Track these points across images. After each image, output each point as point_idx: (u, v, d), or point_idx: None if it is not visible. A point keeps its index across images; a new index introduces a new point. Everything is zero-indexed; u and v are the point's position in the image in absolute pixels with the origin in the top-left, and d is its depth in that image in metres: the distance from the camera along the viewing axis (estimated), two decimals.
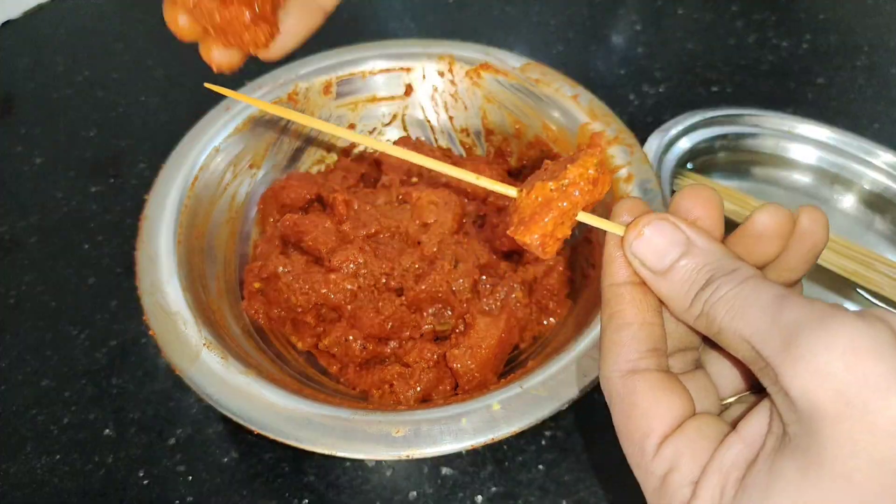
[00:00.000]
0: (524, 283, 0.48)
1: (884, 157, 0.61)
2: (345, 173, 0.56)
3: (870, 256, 0.54)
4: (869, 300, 0.54)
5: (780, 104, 0.68)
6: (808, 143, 0.63)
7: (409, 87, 0.59)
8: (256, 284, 0.48)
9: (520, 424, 0.37)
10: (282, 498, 0.43)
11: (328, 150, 0.59)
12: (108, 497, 0.43)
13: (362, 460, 0.44)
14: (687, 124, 0.62)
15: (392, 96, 0.59)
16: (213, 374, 0.39)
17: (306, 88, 0.56)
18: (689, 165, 0.62)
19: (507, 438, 0.38)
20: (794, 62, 0.74)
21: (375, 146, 0.27)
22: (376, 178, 0.56)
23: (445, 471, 0.44)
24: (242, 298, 0.49)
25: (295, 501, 0.43)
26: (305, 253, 0.48)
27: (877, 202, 0.61)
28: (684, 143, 0.61)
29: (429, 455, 0.36)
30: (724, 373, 0.26)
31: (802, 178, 0.63)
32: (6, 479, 0.44)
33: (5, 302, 0.53)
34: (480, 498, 0.43)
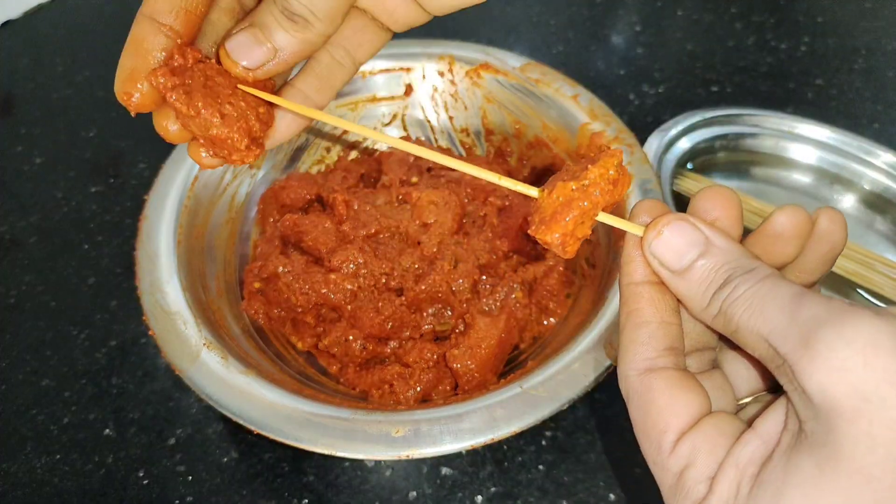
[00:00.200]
0: (524, 283, 0.48)
1: (884, 157, 0.61)
2: (345, 173, 0.56)
3: (870, 256, 0.54)
4: (869, 300, 0.54)
5: (780, 104, 0.68)
6: (807, 143, 0.63)
7: (409, 86, 0.59)
8: (256, 284, 0.48)
9: (519, 424, 0.37)
10: (281, 498, 0.43)
11: (328, 151, 0.59)
12: (108, 497, 0.43)
13: (362, 460, 0.44)
14: (687, 124, 0.62)
15: (392, 96, 0.59)
16: (212, 373, 0.39)
17: None
18: (689, 165, 0.62)
19: (507, 438, 0.38)
20: (792, 64, 0.75)
21: (413, 151, 0.27)
22: (376, 178, 0.56)
23: (445, 471, 0.44)
24: (242, 298, 0.49)
25: (294, 501, 0.43)
26: (305, 253, 0.48)
27: (877, 202, 0.61)
28: (684, 143, 0.62)
29: (429, 455, 0.36)
30: (740, 373, 0.26)
31: (802, 178, 0.63)
32: (6, 478, 0.44)
33: (5, 302, 0.53)
34: (480, 498, 0.43)
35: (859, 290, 0.54)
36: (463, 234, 0.50)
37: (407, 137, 0.60)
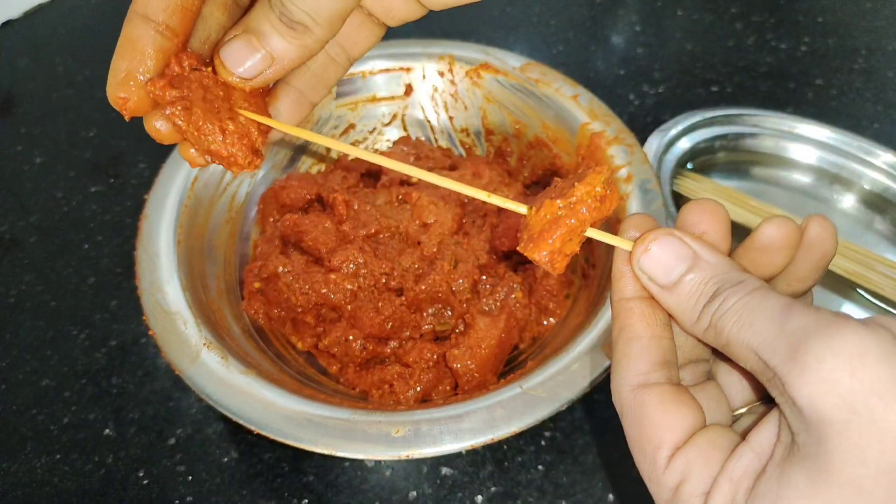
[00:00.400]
0: (524, 283, 0.48)
1: (883, 157, 0.61)
2: (345, 173, 0.56)
3: (870, 256, 0.54)
4: (869, 300, 0.54)
5: (780, 104, 0.68)
6: (807, 143, 0.63)
7: (409, 86, 0.59)
8: (256, 284, 0.48)
9: (519, 425, 0.37)
10: (281, 498, 0.43)
11: (328, 150, 0.59)
12: (108, 497, 0.43)
13: (362, 460, 0.44)
14: (687, 124, 0.62)
15: (392, 96, 0.59)
16: (212, 373, 0.39)
17: None
18: (689, 165, 0.62)
19: (507, 439, 0.38)
20: (792, 64, 0.75)
21: (404, 171, 0.27)
22: (376, 178, 0.56)
23: (445, 471, 0.44)
24: (242, 298, 0.49)
25: (294, 501, 0.43)
26: (305, 253, 0.48)
27: (877, 202, 0.61)
28: (684, 143, 0.62)
29: (429, 455, 0.36)
30: (734, 384, 0.26)
31: (802, 178, 0.63)
32: (6, 478, 0.44)
33: (5, 302, 0.53)
34: (480, 498, 0.43)
35: (859, 290, 0.54)
36: (463, 234, 0.50)
37: (407, 137, 0.60)
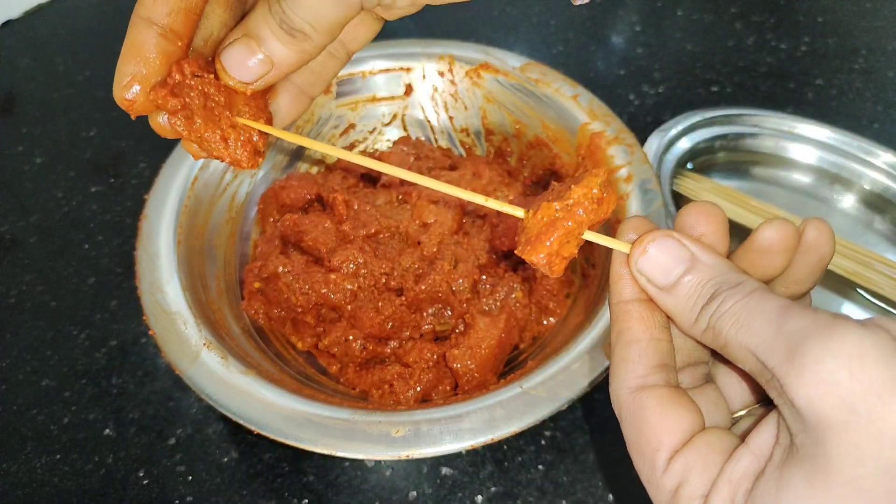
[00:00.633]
0: (524, 283, 0.48)
1: (883, 157, 0.61)
2: (345, 173, 0.56)
3: (870, 256, 0.54)
4: (869, 300, 0.54)
5: (780, 104, 0.68)
6: (807, 143, 0.63)
7: (409, 86, 0.59)
8: (256, 284, 0.48)
9: (519, 425, 0.37)
10: (281, 498, 0.43)
11: None
12: (108, 497, 0.43)
13: (362, 460, 0.44)
14: (687, 124, 0.62)
15: (392, 96, 0.59)
16: (212, 373, 0.39)
17: None
18: (689, 165, 0.62)
19: (507, 438, 0.38)
20: (792, 64, 0.75)
21: (406, 177, 0.27)
22: (376, 178, 0.56)
23: (445, 471, 0.44)
24: (242, 298, 0.49)
25: (294, 501, 0.43)
26: (305, 253, 0.48)
27: (877, 202, 0.61)
28: (684, 143, 0.62)
29: (429, 455, 0.36)
30: (734, 386, 0.26)
31: (802, 178, 0.63)
32: (6, 478, 0.44)
33: (5, 302, 0.53)
34: (480, 498, 0.43)
35: (859, 290, 0.54)
36: (463, 234, 0.50)
37: (407, 137, 0.60)
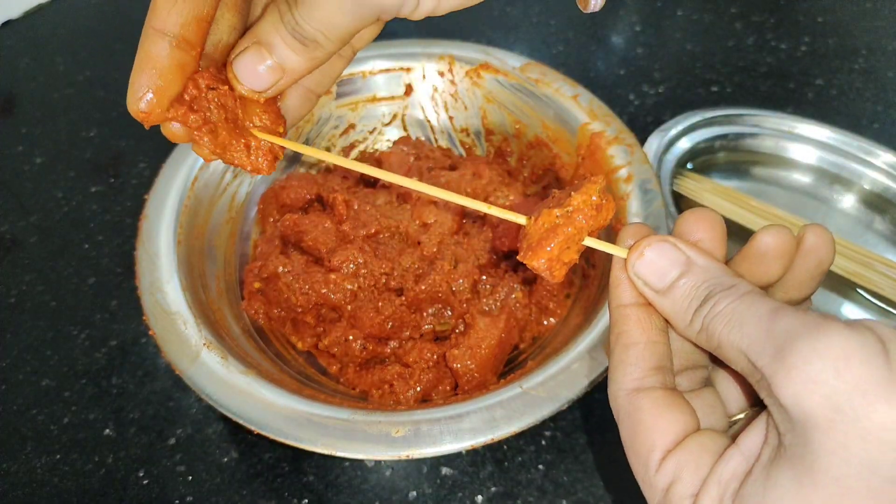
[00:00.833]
0: (524, 283, 0.48)
1: (884, 157, 0.61)
2: (345, 173, 0.56)
3: (869, 256, 0.54)
4: (869, 300, 0.54)
5: (780, 104, 0.68)
6: (807, 143, 0.63)
7: (409, 87, 0.59)
8: (256, 284, 0.48)
9: (519, 424, 0.37)
10: (281, 498, 0.43)
11: (328, 151, 0.59)
12: (108, 497, 0.43)
13: (362, 460, 0.44)
14: (687, 124, 0.62)
15: (392, 96, 0.59)
16: (212, 373, 0.39)
17: None
18: (689, 165, 0.62)
19: (507, 438, 0.38)
20: (792, 64, 0.75)
21: (404, 184, 0.28)
22: (376, 178, 0.56)
23: (445, 471, 0.44)
24: (242, 298, 0.49)
25: (294, 501, 0.43)
26: (305, 253, 0.48)
27: (877, 202, 0.61)
28: (684, 143, 0.62)
29: (429, 455, 0.36)
30: (732, 390, 0.27)
31: (802, 178, 0.63)
32: (6, 478, 0.44)
33: (5, 302, 0.53)
34: (480, 498, 0.43)
35: (859, 290, 0.54)
36: (463, 234, 0.50)
37: (407, 137, 0.60)
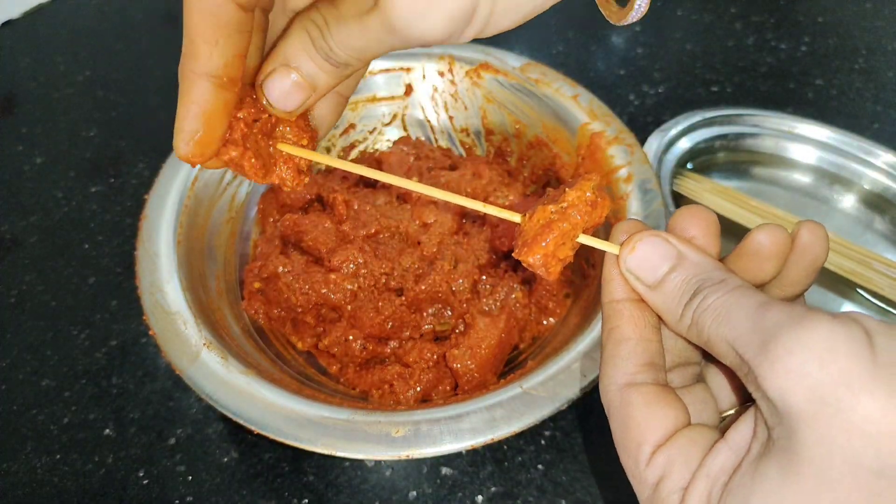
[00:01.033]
0: (524, 283, 0.48)
1: (883, 157, 0.61)
2: (345, 173, 0.56)
3: (869, 256, 0.54)
4: (868, 300, 0.54)
5: (780, 104, 0.68)
6: (807, 143, 0.63)
7: (409, 86, 0.59)
8: (256, 284, 0.48)
9: (519, 424, 0.37)
10: (281, 498, 0.43)
11: (328, 151, 0.59)
12: (108, 497, 0.43)
13: (362, 460, 0.44)
14: (687, 124, 0.62)
15: (392, 96, 0.59)
16: (212, 373, 0.39)
17: None
18: (689, 165, 0.62)
19: (507, 438, 0.38)
20: (792, 64, 0.75)
21: (409, 187, 0.29)
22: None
23: (445, 471, 0.44)
24: (242, 298, 0.49)
25: (294, 501, 0.43)
26: (305, 253, 0.48)
27: (876, 202, 0.61)
28: (684, 143, 0.62)
29: (429, 455, 0.36)
30: (724, 386, 0.27)
31: (802, 178, 0.63)
32: (6, 478, 0.44)
33: (5, 302, 0.53)
34: (480, 498, 0.43)
35: (859, 290, 0.54)
36: (463, 234, 0.50)
37: (407, 137, 0.60)
